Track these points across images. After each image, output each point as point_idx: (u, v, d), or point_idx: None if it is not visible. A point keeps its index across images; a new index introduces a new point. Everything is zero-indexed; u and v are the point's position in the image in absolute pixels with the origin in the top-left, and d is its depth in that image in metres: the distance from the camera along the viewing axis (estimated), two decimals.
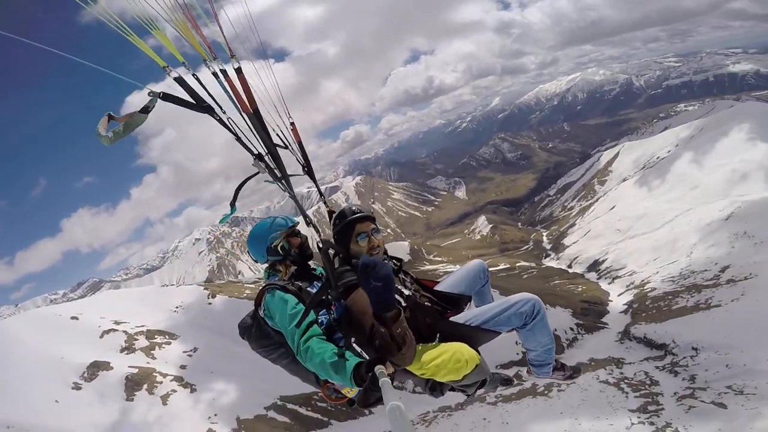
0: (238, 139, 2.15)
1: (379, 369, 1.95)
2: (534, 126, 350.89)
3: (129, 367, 25.95)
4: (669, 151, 70.83)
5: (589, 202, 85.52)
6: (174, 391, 25.05)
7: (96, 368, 25.18)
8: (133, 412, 22.87)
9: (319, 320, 2.53)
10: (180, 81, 1.91)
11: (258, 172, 2.27)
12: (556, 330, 25.56)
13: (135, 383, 24.91)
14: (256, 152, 2.21)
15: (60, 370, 24.81)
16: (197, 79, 1.98)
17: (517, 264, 65.22)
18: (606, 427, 11.83)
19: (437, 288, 3.16)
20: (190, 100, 1.94)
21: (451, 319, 2.79)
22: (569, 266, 54.39)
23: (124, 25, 1.70)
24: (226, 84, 2.06)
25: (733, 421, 10.11)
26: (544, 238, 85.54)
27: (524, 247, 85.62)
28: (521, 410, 14.62)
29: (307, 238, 3.04)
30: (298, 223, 3.10)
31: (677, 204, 48.47)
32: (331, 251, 2.42)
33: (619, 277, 37.83)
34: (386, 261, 3.00)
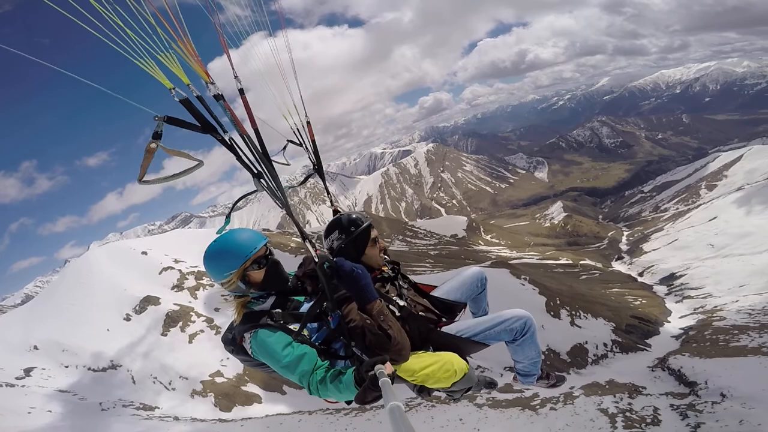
0: (239, 158, 2.18)
1: (379, 369, 1.95)
2: (644, 113, 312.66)
3: (173, 304, 28.47)
4: None
5: (688, 207, 74.55)
6: (201, 331, 27.19)
7: (147, 302, 27.98)
8: (162, 346, 25.35)
9: (314, 337, 2.44)
10: (185, 103, 1.97)
11: (257, 190, 2.34)
12: (586, 343, 23.34)
13: (172, 320, 27.34)
14: (255, 171, 2.24)
15: (120, 301, 27.89)
16: (201, 100, 2.05)
17: (581, 262, 60.23)
18: None
19: (434, 293, 3.21)
20: (194, 122, 2.02)
21: (444, 329, 2.86)
22: (640, 274, 48.71)
23: (131, 47, 1.87)
24: (225, 106, 2.16)
25: None
26: (623, 238, 77.34)
27: (596, 244, 78.30)
28: (500, 420, 13.72)
29: (274, 262, 2.52)
30: (265, 243, 2.50)
31: None
32: (326, 264, 2.34)
33: (691, 297, 32.67)
34: (386, 262, 3.15)
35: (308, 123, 3.27)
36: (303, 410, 20.83)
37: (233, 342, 2.49)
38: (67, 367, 23.39)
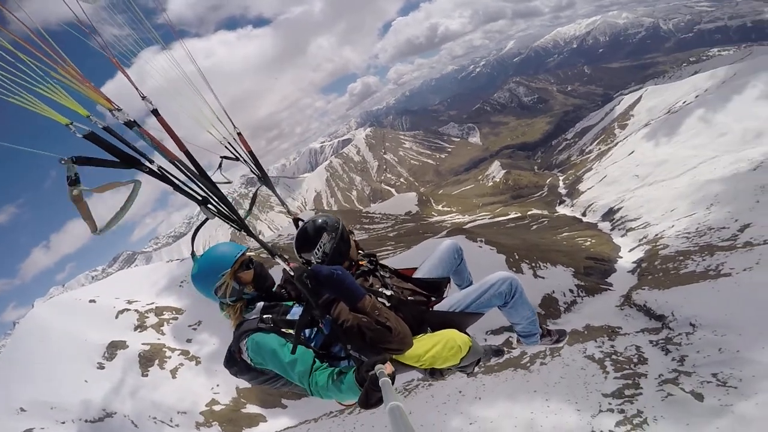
0: (177, 187, 1.99)
1: (379, 368, 1.92)
2: (552, 69, 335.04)
3: (142, 344, 27.57)
4: (697, 96, 65.27)
5: (608, 146, 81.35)
6: (181, 364, 26.77)
7: (114, 347, 26.97)
8: (147, 386, 24.92)
9: (312, 342, 2.43)
10: (92, 137, 1.71)
11: (207, 219, 2.18)
12: (554, 292, 24.34)
13: (147, 359, 26.64)
14: (200, 198, 2.08)
15: (86, 351, 26.72)
16: (110, 131, 1.79)
17: (528, 213, 63.71)
18: (572, 413, 11.04)
19: (416, 275, 3.17)
20: (110, 157, 1.77)
21: (436, 308, 2.86)
22: (583, 214, 52.29)
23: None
24: (144, 134, 1.97)
25: (702, 417, 9.03)
26: (560, 183, 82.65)
27: (538, 193, 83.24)
28: (498, 384, 13.95)
29: (260, 264, 2.67)
30: (246, 250, 2.61)
31: (702, 151, 44.86)
32: (304, 275, 2.31)
33: (633, 229, 35.30)
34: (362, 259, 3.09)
35: (239, 134, 3.02)
36: (308, 419, 20.67)
37: (234, 361, 2.50)
38: (63, 423, 22.70)
